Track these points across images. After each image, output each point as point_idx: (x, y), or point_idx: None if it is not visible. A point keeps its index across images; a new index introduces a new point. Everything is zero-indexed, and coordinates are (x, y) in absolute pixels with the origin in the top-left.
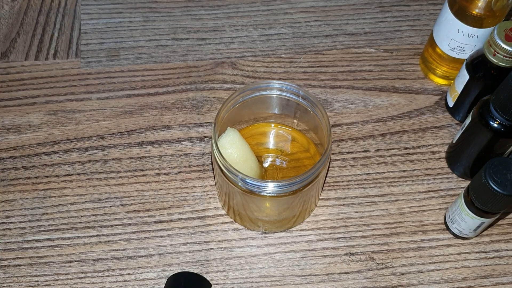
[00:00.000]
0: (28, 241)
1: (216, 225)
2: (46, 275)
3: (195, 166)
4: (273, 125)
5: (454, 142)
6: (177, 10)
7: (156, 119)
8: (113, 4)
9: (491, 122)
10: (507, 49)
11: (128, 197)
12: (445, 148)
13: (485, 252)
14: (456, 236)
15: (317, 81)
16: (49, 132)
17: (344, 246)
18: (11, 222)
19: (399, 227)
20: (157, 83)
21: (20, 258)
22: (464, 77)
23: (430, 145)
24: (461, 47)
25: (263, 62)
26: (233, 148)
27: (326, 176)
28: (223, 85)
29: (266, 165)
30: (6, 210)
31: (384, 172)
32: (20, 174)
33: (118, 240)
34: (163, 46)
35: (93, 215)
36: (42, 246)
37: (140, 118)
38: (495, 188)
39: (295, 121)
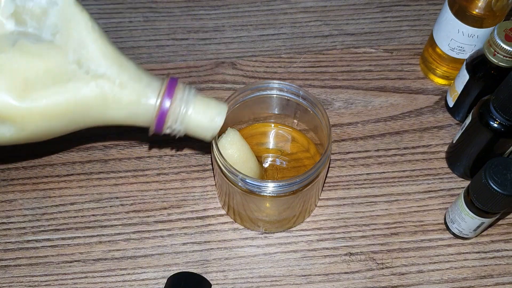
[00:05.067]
0: (28, 241)
1: (216, 225)
2: (46, 275)
3: (195, 166)
4: (273, 125)
5: (454, 142)
6: (177, 10)
7: None
8: (113, 4)
9: (491, 122)
10: (507, 49)
11: (128, 197)
12: (445, 148)
13: (485, 252)
14: (456, 236)
15: (317, 81)
16: None
17: (344, 246)
18: (11, 222)
19: (399, 227)
20: None
21: (20, 258)
22: (464, 77)
23: (430, 145)
24: (461, 47)
25: (263, 62)
26: (233, 148)
27: (326, 176)
28: (223, 85)
29: (266, 165)
30: (6, 210)
31: (384, 172)
32: (20, 174)
33: (118, 240)
34: (163, 46)
35: (93, 215)
36: (42, 246)
37: None
38: (495, 188)
39: (295, 121)
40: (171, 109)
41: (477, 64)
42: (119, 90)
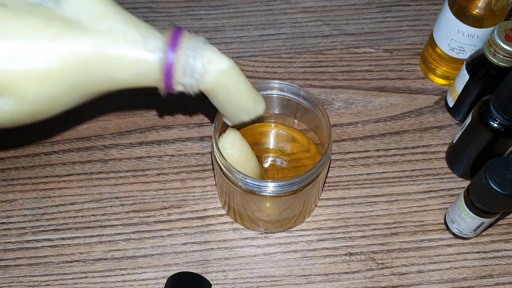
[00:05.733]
0: (28, 241)
1: (216, 225)
2: (46, 275)
3: (195, 166)
4: (273, 125)
5: (454, 142)
6: (177, 10)
7: (156, 119)
8: None
9: (491, 122)
10: (507, 49)
11: (128, 197)
12: (445, 148)
13: (485, 252)
14: (456, 236)
15: (317, 81)
16: (49, 132)
17: (344, 246)
18: (11, 222)
19: (399, 227)
20: None
21: (20, 258)
22: (464, 77)
23: (430, 145)
24: (461, 47)
25: (263, 62)
26: (233, 148)
27: (326, 176)
28: None
29: (266, 165)
30: (6, 210)
31: (384, 172)
32: (20, 174)
33: (118, 240)
34: None
35: (93, 215)
36: (42, 246)
37: (140, 118)
38: (495, 188)
39: (296, 121)
40: (177, 60)
41: (477, 64)
42: (122, 48)
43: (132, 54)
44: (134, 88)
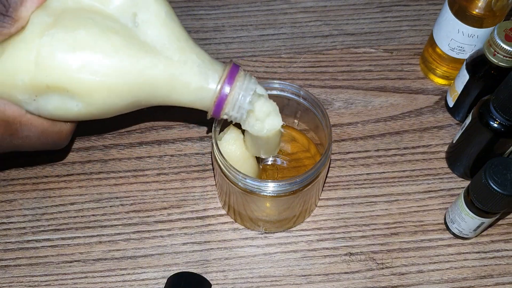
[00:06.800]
0: (28, 241)
1: (216, 225)
2: (46, 275)
3: (195, 166)
4: None
5: (454, 142)
6: (177, 10)
7: (156, 119)
8: None
9: (491, 122)
10: (507, 49)
11: (128, 197)
12: (445, 148)
13: (485, 252)
14: (456, 236)
15: (317, 81)
16: None
17: (344, 246)
18: (11, 222)
19: (399, 227)
20: None
21: (20, 258)
22: (464, 77)
23: (430, 145)
24: (461, 47)
25: (263, 62)
26: (236, 144)
27: (326, 176)
28: None
29: (267, 164)
30: (6, 210)
31: (384, 172)
32: (20, 174)
33: (118, 240)
34: None
35: (93, 215)
36: (42, 246)
37: (140, 118)
38: (495, 188)
39: (296, 121)
40: (229, 96)
41: (477, 64)
42: (189, 76)
43: (196, 83)
44: (185, 107)
